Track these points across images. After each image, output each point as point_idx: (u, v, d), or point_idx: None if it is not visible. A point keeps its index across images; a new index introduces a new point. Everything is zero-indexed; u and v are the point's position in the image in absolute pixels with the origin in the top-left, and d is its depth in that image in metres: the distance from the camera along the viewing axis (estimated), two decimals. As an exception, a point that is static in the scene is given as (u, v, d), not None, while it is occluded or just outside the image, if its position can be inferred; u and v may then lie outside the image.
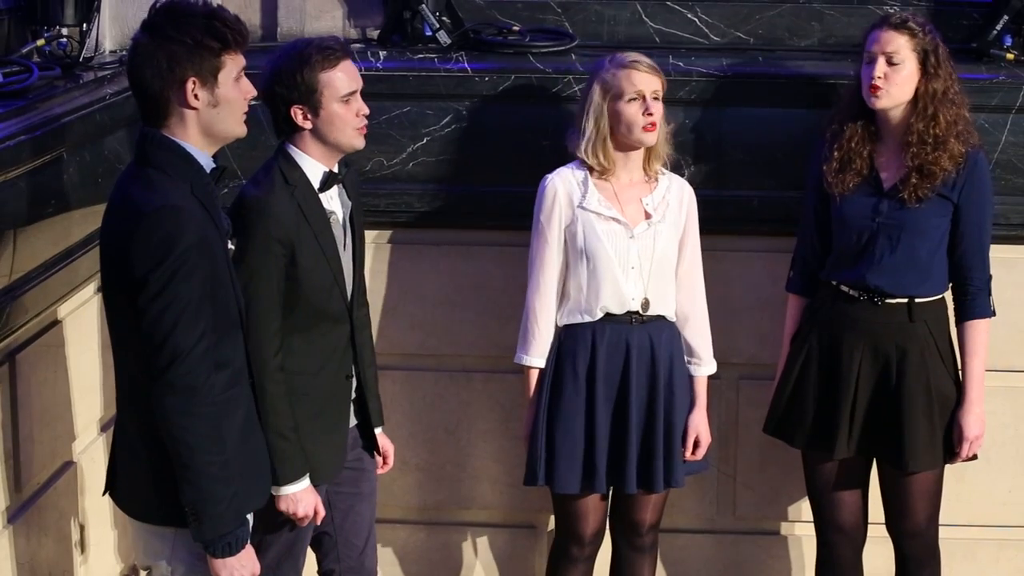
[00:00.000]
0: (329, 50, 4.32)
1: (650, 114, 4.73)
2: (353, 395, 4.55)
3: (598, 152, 4.80)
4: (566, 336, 4.89)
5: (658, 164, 4.87)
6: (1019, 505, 5.55)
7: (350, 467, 4.60)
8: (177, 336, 3.61)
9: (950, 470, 5.04)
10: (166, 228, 3.61)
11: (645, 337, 4.85)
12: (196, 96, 3.70)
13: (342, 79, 4.31)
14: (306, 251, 4.32)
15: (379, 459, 4.75)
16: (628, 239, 4.81)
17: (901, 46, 4.74)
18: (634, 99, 4.74)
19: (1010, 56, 5.40)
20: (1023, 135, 5.26)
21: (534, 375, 4.95)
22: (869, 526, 5.08)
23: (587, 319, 4.85)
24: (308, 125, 4.33)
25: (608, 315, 4.83)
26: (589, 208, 4.81)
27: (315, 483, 4.40)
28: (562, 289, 4.90)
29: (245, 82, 3.79)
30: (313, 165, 4.37)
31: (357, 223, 4.52)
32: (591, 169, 4.84)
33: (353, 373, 4.52)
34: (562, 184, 4.86)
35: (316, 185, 4.36)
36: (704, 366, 4.99)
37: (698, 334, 4.97)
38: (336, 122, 4.33)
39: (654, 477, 4.88)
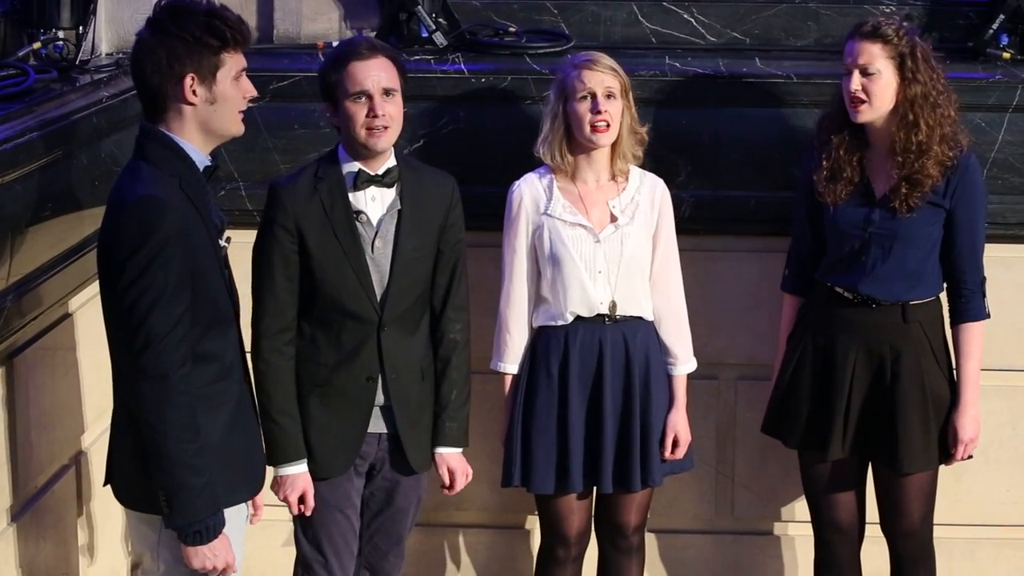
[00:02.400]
0: (349, 47, 4.41)
1: (598, 112, 4.71)
2: (381, 402, 4.53)
3: (554, 152, 4.80)
4: (540, 338, 4.90)
5: (625, 164, 4.84)
6: (1017, 504, 5.55)
7: (384, 477, 4.61)
8: (151, 322, 3.66)
9: (948, 469, 5.04)
10: (145, 216, 3.67)
11: (619, 336, 4.84)
12: (194, 92, 3.76)
13: (351, 77, 4.35)
14: (321, 244, 4.39)
15: (446, 479, 4.70)
16: (594, 244, 4.80)
17: (875, 56, 4.68)
18: (584, 98, 4.73)
19: (1006, 55, 5.40)
20: (1020, 134, 5.26)
21: (508, 380, 4.96)
22: (866, 526, 5.08)
23: (560, 322, 4.85)
24: (336, 123, 4.43)
25: (579, 317, 4.83)
26: (554, 215, 4.81)
27: (315, 474, 4.46)
28: (537, 292, 4.89)
29: (245, 81, 3.85)
30: (348, 163, 4.44)
31: (409, 229, 4.48)
32: (556, 172, 4.83)
33: (378, 377, 4.50)
34: (528, 190, 4.86)
35: (349, 183, 4.42)
36: (680, 365, 4.95)
37: (673, 333, 4.93)
38: (346, 120, 4.38)
39: (631, 476, 4.87)
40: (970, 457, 4.91)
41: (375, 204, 4.46)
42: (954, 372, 4.90)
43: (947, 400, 4.86)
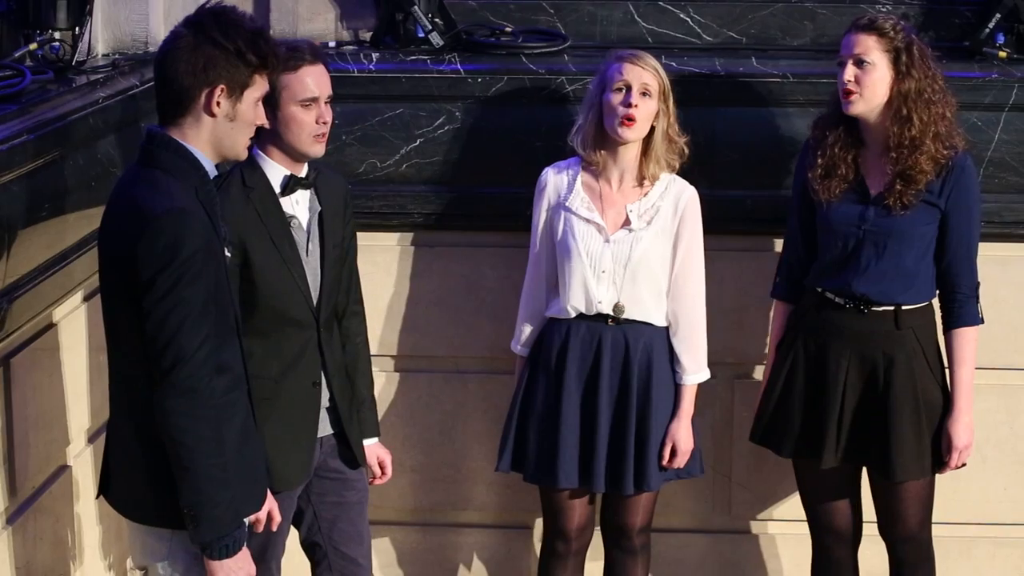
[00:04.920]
0: (296, 52, 4.33)
1: (629, 105, 4.71)
2: (326, 404, 4.52)
3: (586, 142, 4.81)
4: (546, 329, 4.93)
5: (657, 170, 4.82)
6: (1015, 503, 5.55)
7: (330, 477, 4.59)
8: (181, 339, 3.63)
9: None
10: (173, 232, 3.62)
11: (620, 337, 4.84)
12: (219, 104, 3.71)
13: (303, 83, 4.31)
14: (261, 253, 4.34)
15: (376, 470, 4.74)
16: (603, 243, 4.80)
17: (870, 47, 4.67)
18: (619, 89, 4.73)
19: (1003, 54, 5.40)
20: (1016, 133, 5.26)
21: (520, 363, 5.02)
22: (865, 525, 5.08)
23: (563, 315, 4.86)
24: (267, 125, 4.33)
25: (582, 314, 4.84)
26: (571, 207, 4.82)
27: (273, 489, 4.33)
28: (556, 282, 4.92)
29: (261, 109, 3.82)
30: (275, 168, 4.39)
31: (331, 229, 4.48)
32: (585, 166, 4.84)
33: (322, 381, 4.49)
34: (553, 177, 4.89)
35: (277, 188, 4.37)
36: (688, 375, 4.93)
37: (683, 341, 4.92)
38: (292, 126, 4.33)
39: (623, 478, 4.87)
40: (963, 465, 4.89)
41: (301, 207, 4.43)
42: (948, 379, 4.87)
43: (940, 407, 4.83)
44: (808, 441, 4.90)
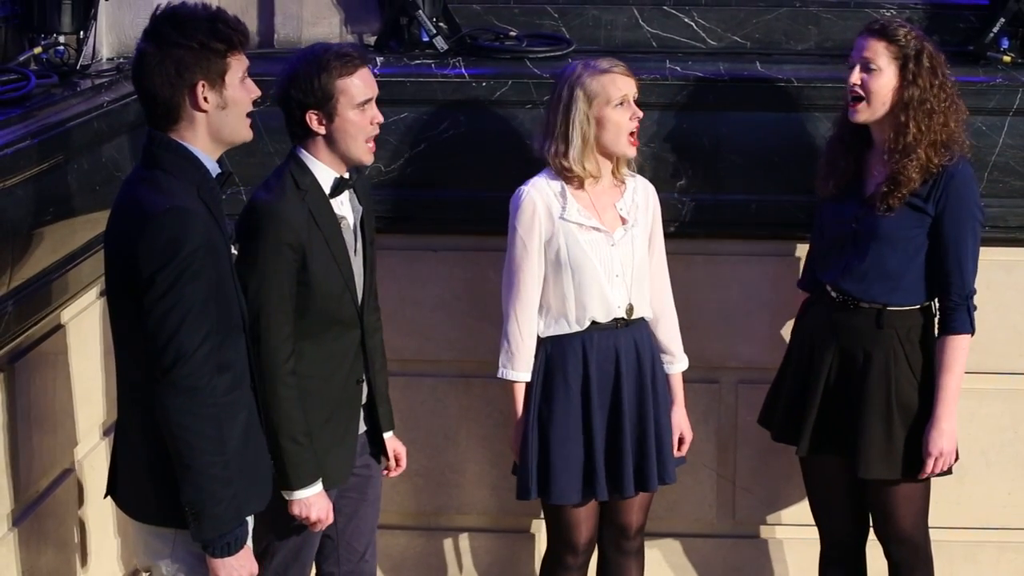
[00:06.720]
0: (348, 57, 4.34)
1: (635, 118, 4.70)
2: (363, 400, 4.55)
3: (584, 162, 4.72)
4: (553, 348, 4.84)
5: (625, 167, 4.85)
6: (1019, 507, 5.54)
7: (358, 473, 4.60)
8: (182, 337, 3.65)
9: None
10: (173, 229, 3.64)
11: (631, 340, 4.83)
12: (206, 99, 3.74)
13: (359, 86, 4.32)
14: (317, 256, 4.34)
15: (392, 463, 4.74)
16: (610, 247, 4.78)
17: (879, 52, 4.68)
18: (620, 104, 4.70)
19: (1007, 59, 5.40)
20: (1020, 137, 5.26)
21: (520, 389, 4.89)
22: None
23: (575, 328, 4.81)
24: (322, 131, 4.35)
25: (594, 323, 4.82)
26: (570, 219, 4.76)
27: (326, 488, 4.40)
28: (540, 301, 4.86)
29: (250, 83, 3.85)
30: (324, 171, 4.38)
31: (368, 228, 4.52)
32: (568, 179, 4.78)
33: (364, 379, 4.52)
34: (540, 196, 4.78)
35: (327, 190, 4.38)
36: (678, 363, 4.99)
37: (670, 332, 4.96)
38: (350, 129, 4.33)
39: (648, 477, 4.87)
40: (948, 472, 4.83)
41: (346, 208, 4.45)
42: (934, 384, 4.80)
43: (915, 410, 4.79)
44: (792, 428, 4.95)
